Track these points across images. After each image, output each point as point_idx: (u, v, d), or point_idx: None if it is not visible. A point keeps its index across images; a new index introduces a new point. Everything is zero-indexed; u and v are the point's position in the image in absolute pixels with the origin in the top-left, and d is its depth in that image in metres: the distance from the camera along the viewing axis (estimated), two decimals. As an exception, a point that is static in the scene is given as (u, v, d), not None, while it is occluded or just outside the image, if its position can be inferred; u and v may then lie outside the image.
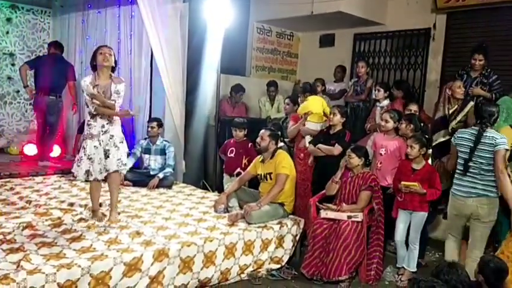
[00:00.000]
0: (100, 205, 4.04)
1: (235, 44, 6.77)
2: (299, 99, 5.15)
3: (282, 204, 4.23)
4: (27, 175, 5.47)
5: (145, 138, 5.48)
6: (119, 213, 3.94)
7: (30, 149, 6.43)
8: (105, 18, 6.78)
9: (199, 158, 6.15)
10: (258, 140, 4.33)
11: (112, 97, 3.64)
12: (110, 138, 3.67)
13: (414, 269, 3.87)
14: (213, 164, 5.81)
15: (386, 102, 5.17)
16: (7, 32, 7.38)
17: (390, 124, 4.26)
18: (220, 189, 5.44)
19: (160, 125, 5.42)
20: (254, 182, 4.62)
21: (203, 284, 3.49)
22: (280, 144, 4.89)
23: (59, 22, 7.72)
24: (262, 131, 4.37)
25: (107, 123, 3.66)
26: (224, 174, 5.49)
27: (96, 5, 6.90)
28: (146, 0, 5.34)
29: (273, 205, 4.15)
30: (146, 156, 5.38)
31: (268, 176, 4.28)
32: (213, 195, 4.95)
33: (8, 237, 3.19)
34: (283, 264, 4.02)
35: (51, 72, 6.08)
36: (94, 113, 3.61)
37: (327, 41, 7.82)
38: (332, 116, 4.51)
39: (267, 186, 4.26)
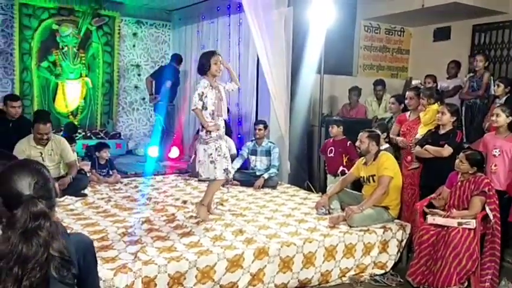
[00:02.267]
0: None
1: (341, 44, 6.72)
2: (424, 101, 4.60)
3: (386, 208, 4.09)
4: (149, 174, 6.07)
5: (252, 140, 5.71)
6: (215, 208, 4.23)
7: (154, 151, 7.11)
8: (217, 27, 7.23)
9: (303, 159, 6.22)
10: (358, 143, 4.24)
11: (222, 98, 3.93)
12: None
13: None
14: (317, 165, 5.83)
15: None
16: (133, 46, 8.27)
17: (502, 118, 3.85)
18: (324, 190, 5.44)
19: (266, 127, 5.61)
20: (357, 184, 4.54)
21: (303, 285, 3.53)
22: (386, 145, 4.73)
23: (177, 34, 8.42)
24: (361, 133, 4.26)
25: (223, 126, 3.99)
26: (328, 175, 5.49)
27: (209, 16, 7.38)
28: (252, 7, 5.55)
29: (376, 208, 4.04)
30: (253, 157, 5.61)
31: (371, 178, 4.17)
32: (315, 197, 4.98)
33: (129, 231, 3.59)
34: (387, 270, 3.89)
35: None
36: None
37: (442, 35, 7.32)
38: (440, 115, 4.22)
39: (370, 188, 4.15)
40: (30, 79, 7.18)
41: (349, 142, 5.09)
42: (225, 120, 4.11)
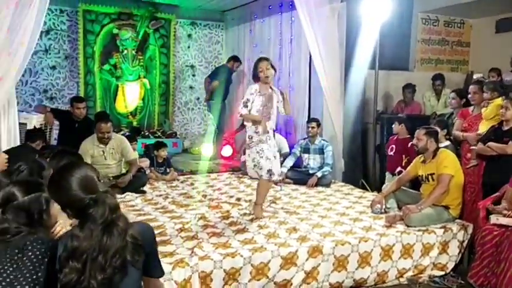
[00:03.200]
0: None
1: (396, 38, 6.53)
2: (487, 95, 4.39)
3: (446, 208, 3.94)
4: (205, 172, 6.21)
5: (304, 138, 5.69)
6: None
7: (208, 149, 7.26)
8: (269, 26, 7.26)
9: (358, 157, 6.11)
10: (414, 141, 4.11)
11: (273, 105, 3.97)
12: (273, 147, 4.01)
13: None
14: (372, 163, 5.70)
15: None
16: (188, 47, 8.49)
17: None
18: (379, 189, 5.31)
19: (319, 124, 5.57)
20: (415, 183, 4.40)
21: (358, 284, 3.48)
22: (446, 143, 4.55)
23: (230, 34, 8.54)
24: (417, 130, 4.12)
25: (270, 128, 3.97)
26: (386, 173, 5.37)
27: (261, 15, 7.43)
28: (304, 3, 5.50)
29: (436, 208, 3.90)
30: (306, 155, 5.58)
31: (430, 176, 4.03)
32: (371, 195, 4.88)
33: (186, 226, 3.69)
34: (447, 271, 3.75)
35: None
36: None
37: (505, 26, 6.89)
38: (504, 110, 3.98)
39: (429, 187, 4.01)
40: (93, 81, 7.57)
41: (410, 143, 4.93)
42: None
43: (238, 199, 4.68)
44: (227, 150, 7.27)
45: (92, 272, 1.51)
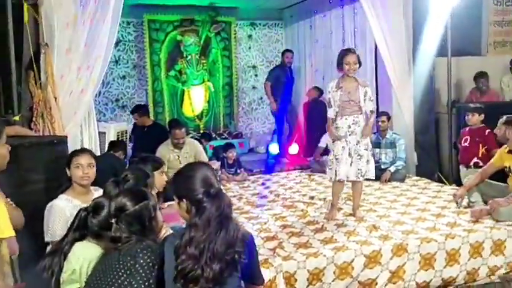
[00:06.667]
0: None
1: (466, 23, 6.17)
2: None
3: (538, 200, 3.68)
4: (273, 171, 6.24)
5: (375, 133, 5.54)
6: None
7: (275, 148, 7.27)
8: (330, 20, 7.17)
9: (432, 149, 5.85)
10: (496, 130, 3.88)
11: (359, 100, 3.78)
12: (357, 144, 3.79)
13: None
14: (448, 155, 5.45)
15: None
16: (249, 48, 8.58)
17: None
18: (457, 182, 5.08)
19: (389, 118, 5.41)
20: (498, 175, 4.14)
21: (447, 283, 3.34)
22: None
23: (290, 31, 8.52)
24: (500, 120, 3.89)
25: (353, 124, 3.80)
26: (460, 166, 5.10)
27: (321, 9, 7.34)
28: (369, -5, 5.38)
29: (527, 201, 3.66)
30: (377, 150, 5.42)
31: (518, 167, 3.79)
32: (450, 189, 4.68)
33: (264, 227, 3.73)
34: (543, 268, 3.51)
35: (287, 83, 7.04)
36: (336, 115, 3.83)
37: None
38: None
39: (518, 179, 3.78)
40: (160, 88, 7.86)
41: (488, 130, 4.66)
42: None
43: (312, 197, 4.66)
44: (293, 148, 7.25)
45: (208, 261, 1.60)
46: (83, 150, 2.97)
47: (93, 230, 1.94)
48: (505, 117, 3.96)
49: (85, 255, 1.92)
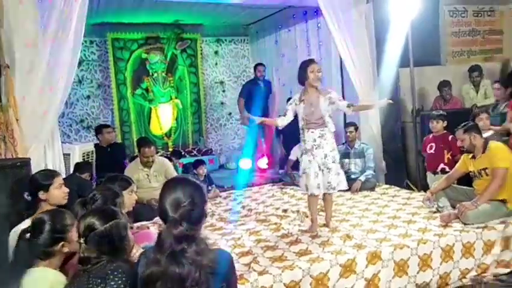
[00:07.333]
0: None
1: (425, 34, 6.38)
2: None
3: (503, 201, 3.79)
4: (245, 186, 6.20)
5: (343, 143, 5.62)
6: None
7: (246, 163, 7.25)
8: (295, 34, 7.26)
9: (399, 158, 5.99)
10: (459, 143, 4.01)
11: (321, 110, 3.76)
12: (324, 158, 3.77)
13: None
14: (415, 163, 5.58)
15: None
16: (216, 64, 8.59)
17: None
18: (426, 188, 5.17)
19: (357, 128, 5.50)
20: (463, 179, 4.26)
21: (421, 289, 3.38)
22: (489, 132, 4.42)
23: (256, 46, 8.60)
24: (456, 132, 4.06)
25: (319, 137, 3.78)
26: (427, 173, 5.22)
27: (286, 24, 7.45)
28: (331, 9, 5.45)
29: (492, 203, 3.76)
30: (346, 160, 5.50)
31: (483, 171, 3.90)
32: (419, 195, 4.76)
33: (238, 242, 3.68)
34: (512, 268, 3.60)
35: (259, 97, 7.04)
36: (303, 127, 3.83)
37: (539, 8, 6.70)
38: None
39: (483, 182, 3.88)
40: (127, 107, 7.72)
41: (451, 136, 4.80)
42: None
43: (285, 210, 4.64)
44: (262, 162, 7.26)
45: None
46: (56, 172, 3.07)
47: (40, 250, 1.86)
48: (460, 127, 4.06)
49: (50, 280, 1.83)
